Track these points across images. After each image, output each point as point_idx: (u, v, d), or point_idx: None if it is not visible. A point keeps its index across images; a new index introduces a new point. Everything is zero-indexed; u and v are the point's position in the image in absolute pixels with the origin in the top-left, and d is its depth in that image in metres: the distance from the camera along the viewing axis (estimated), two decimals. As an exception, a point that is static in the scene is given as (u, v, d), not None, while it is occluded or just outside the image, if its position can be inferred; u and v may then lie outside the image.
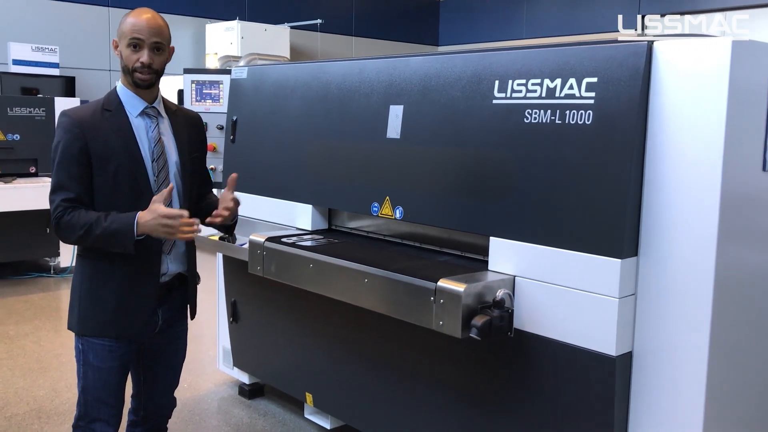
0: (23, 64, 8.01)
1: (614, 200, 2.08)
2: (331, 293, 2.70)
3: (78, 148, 2.19)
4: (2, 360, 4.42)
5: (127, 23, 2.26)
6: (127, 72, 2.27)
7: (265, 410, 3.75)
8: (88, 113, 2.25)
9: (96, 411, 2.34)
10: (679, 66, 2.01)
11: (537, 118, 2.27)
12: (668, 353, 2.09)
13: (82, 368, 2.33)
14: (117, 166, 2.23)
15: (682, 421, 2.08)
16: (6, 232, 6.18)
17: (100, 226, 2.16)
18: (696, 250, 2.00)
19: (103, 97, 2.33)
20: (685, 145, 2.01)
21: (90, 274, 2.30)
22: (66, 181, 2.20)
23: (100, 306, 2.29)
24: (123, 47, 2.26)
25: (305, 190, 3.19)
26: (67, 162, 2.20)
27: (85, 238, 2.18)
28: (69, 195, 2.19)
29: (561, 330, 2.23)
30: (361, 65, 2.95)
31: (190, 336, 2.64)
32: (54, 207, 2.19)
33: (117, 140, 2.24)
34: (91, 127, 2.22)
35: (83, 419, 2.35)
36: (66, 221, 2.18)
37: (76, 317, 2.31)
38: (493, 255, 2.41)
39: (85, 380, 2.32)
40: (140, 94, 2.31)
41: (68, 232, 2.19)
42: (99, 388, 2.32)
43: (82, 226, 2.16)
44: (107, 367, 2.32)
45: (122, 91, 2.31)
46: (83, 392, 2.33)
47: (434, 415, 2.74)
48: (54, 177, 2.21)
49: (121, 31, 2.27)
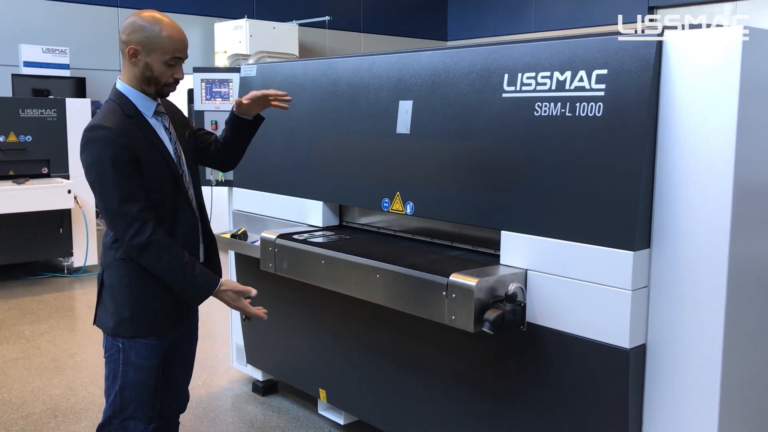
0: (34, 66, 8.07)
1: (626, 192, 2.07)
2: (343, 289, 2.71)
3: (129, 158, 2.15)
4: (18, 360, 4.46)
5: (166, 38, 2.19)
6: (155, 84, 2.24)
7: (279, 407, 3.76)
8: (120, 122, 2.19)
9: (133, 409, 2.34)
10: (689, 57, 2.00)
11: (547, 111, 2.26)
12: (682, 345, 2.08)
13: (121, 367, 2.30)
14: (157, 170, 2.23)
15: (697, 413, 2.07)
16: (19, 233, 6.23)
17: (190, 271, 2.21)
18: (709, 241, 1.99)
19: (111, 101, 2.26)
20: (697, 136, 1.99)
21: (140, 277, 2.26)
22: (137, 192, 2.15)
23: (155, 306, 2.29)
24: (157, 61, 2.20)
25: (316, 186, 3.19)
26: (129, 172, 2.15)
27: (166, 270, 2.19)
28: (144, 205, 2.16)
29: (574, 323, 2.22)
30: (370, 61, 2.95)
31: (204, 333, 2.66)
32: (132, 218, 2.13)
33: (150, 144, 2.23)
34: (130, 135, 2.18)
35: (117, 417, 2.34)
36: (158, 244, 2.16)
37: (128, 321, 2.27)
38: (504, 249, 2.40)
39: (124, 379, 2.31)
40: (149, 95, 2.28)
41: (157, 255, 2.17)
42: (139, 386, 2.32)
43: (173, 259, 2.18)
44: (148, 366, 2.32)
45: (132, 94, 2.26)
46: (121, 391, 2.31)
47: (447, 409, 2.74)
48: (118, 189, 2.12)
49: (154, 44, 2.19)
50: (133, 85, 2.25)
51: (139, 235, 2.13)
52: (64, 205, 6.21)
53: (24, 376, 4.19)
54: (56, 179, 6.39)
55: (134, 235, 2.13)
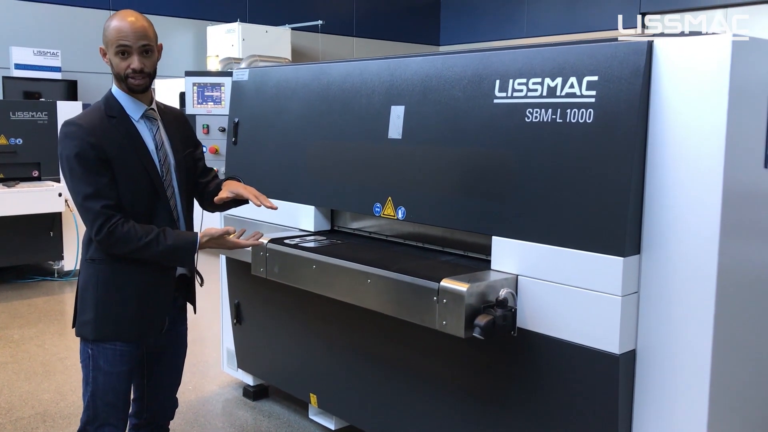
0: (25, 69, 8.03)
1: (616, 198, 2.08)
2: (334, 294, 2.70)
3: (96, 156, 2.17)
4: (7, 364, 4.43)
5: (112, 30, 2.22)
6: (121, 79, 2.27)
7: (270, 411, 3.75)
8: (96, 121, 2.22)
9: (106, 415, 2.34)
10: (679, 64, 2.01)
11: (538, 117, 2.27)
12: (671, 351, 2.09)
13: (91, 373, 2.32)
14: (133, 172, 2.25)
15: (686, 419, 2.08)
16: (9, 236, 6.19)
17: (161, 243, 2.22)
18: (698, 247, 2.00)
19: (99, 102, 2.31)
20: (687, 143, 2.01)
21: (106, 279, 2.28)
22: (102, 189, 2.17)
23: (119, 311, 2.29)
24: (111, 55, 2.25)
25: (307, 191, 3.19)
26: (95, 170, 2.17)
27: (142, 250, 2.21)
28: (108, 202, 2.18)
29: (564, 328, 2.23)
30: (362, 66, 2.96)
31: (194, 338, 2.65)
32: (95, 214, 2.16)
33: (128, 146, 2.26)
34: (102, 135, 2.20)
35: (92, 424, 2.35)
36: (123, 232, 2.17)
37: (92, 323, 2.29)
38: (495, 254, 2.41)
39: (95, 385, 2.32)
40: (138, 98, 2.32)
41: (123, 244, 2.19)
42: (109, 392, 2.33)
43: (140, 239, 2.19)
44: (117, 372, 2.33)
45: (121, 96, 2.30)
46: (93, 397, 2.33)
47: (438, 414, 2.74)
48: (84, 185, 2.16)
49: (106, 38, 2.24)
50: (119, 88, 2.30)
51: (102, 229, 2.16)
52: (54, 209, 6.18)
53: (13, 380, 4.16)
54: (47, 182, 6.36)
55: (98, 230, 2.17)
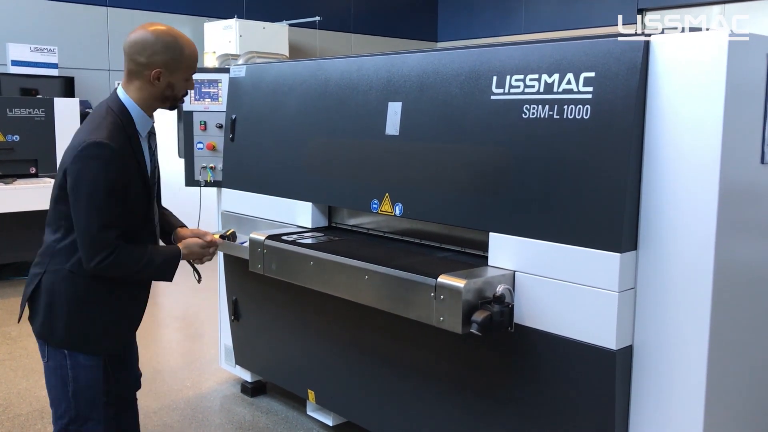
0: (22, 65, 8.01)
1: (613, 194, 2.08)
2: (332, 290, 2.71)
3: (122, 184, 2.17)
4: (5, 361, 4.43)
5: (188, 56, 2.24)
6: (170, 101, 2.28)
7: (268, 408, 3.76)
8: (122, 141, 2.17)
9: (88, 410, 2.32)
10: (676, 60, 2.01)
11: (535, 113, 2.27)
12: (668, 346, 2.09)
13: (71, 372, 2.28)
14: (136, 194, 2.26)
15: (683, 414, 2.08)
16: (7, 233, 6.18)
17: (155, 260, 2.26)
18: (695, 243, 2.01)
19: (113, 112, 2.21)
20: (684, 139, 2.01)
21: (86, 292, 2.26)
22: (116, 218, 2.17)
23: (98, 325, 2.30)
24: (181, 78, 2.25)
25: (305, 187, 3.19)
26: (115, 199, 2.15)
27: (141, 272, 2.25)
28: (119, 231, 2.18)
29: (561, 324, 2.23)
30: (359, 62, 2.95)
31: (192, 334, 2.65)
32: (106, 244, 2.15)
33: (136, 167, 2.24)
34: (125, 157, 2.18)
35: (75, 423, 2.31)
36: (124, 259, 2.18)
37: (66, 334, 2.26)
38: (492, 250, 2.41)
39: (75, 383, 2.29)
40: (149, 114, 2.29)
41: (123, 269, 2.21)
42: (92, 386, 2.32)
43: (137, 262, 2.22)
44: (96, 364, 2.32)
45: (134, 110, 2.24)
46: (74, 396, 2.29)
47: (435, 410, 2.75)
48: (101, 214, 2.13)
49: (179, 62, 2.22)
50: (142, 104, 2.24)
51: (107, 258, 2.15)
52: (51, 206, 6.16)
53: (11, 377, 4.16)
54: (44, 179, 6.35)
55: (104, 259, 2.15)
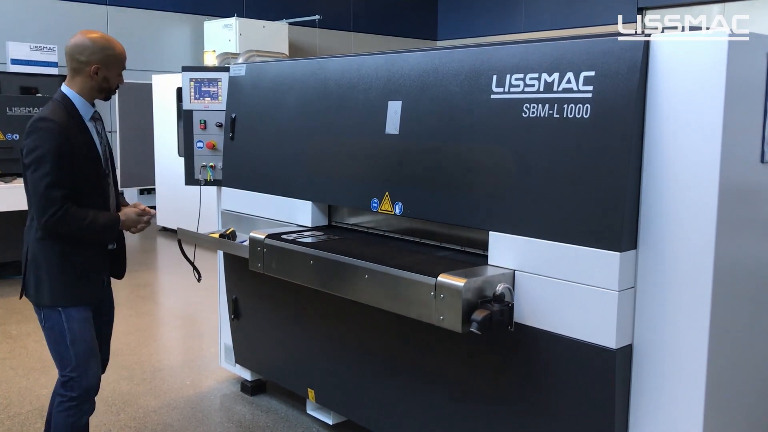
0: (22, 64, 8.01)
1: (613, 193, 2.08)
2: (332, 289, 2.71)
3: (67, 151, 2.50)
4: (5, 359, 4.43)
5: (119, 52, 2.66)
6: (106, 92, 2.67)
7: (268, 406, 3.76)
8: (66, 119, 2.54)
9: (86, 357, 2.63)
10: (676, 59, 2.01)
11: (535, 112, 2.27)
12: (668, 345, 2.10)
13: (66, 325, 2.60)
14: (87, 166, 2.59)
15: (683, 413, 2.08)
16: (6, 232, 6.18)
17: (98, 222, 2.57)
18: (695, 241, 2.01)
19: (57, 101, 2.58)
20: (683, 138, 2.01)
21: (59, 253, 2.59)
22: (64, 180, 2.50)
23: (74, 277, 2.62)
24: (114, 73, 2.66)
25: (305, 186, 3.19)
26: (62, 164, 2.49)
27: (85, 230, 2.55)
28: (67, 192, 2.51)
29: (561, 323, 2.23)
30: (359, 61, 2.95)
31: (192, 333, 2.66)
32: (54, 200, 2.48)
33: (85, 144, 2.59)
34: (70, 131, 2.53)
35: (77, 369, 2.61)
36: (72, 214, 2.51)
37: (53, 292, 2.59)
38: (492, 249, 2.41)
39: (72, 335, 2.60)
40: (89, 102, 2.65)
41: (71, 224, 2.51)
42: (87, 338, 2.64)
43: (83, 221, 2.53)
44: (87, 318, 2.65)
45: (76, 98, 2.62)
46: (73, 345, 2.60)
47: (435, 409, 2.75)
48: (50, 176, 2.47)
49: (112, 60, 2.63)
50: (82, 93, 2.63)
51: (56, 213, 2.48)
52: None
53: (10, 376, 4.16)
54: (44, 178, 6.34)
55: (53, 215, 2.48)
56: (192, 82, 3.66)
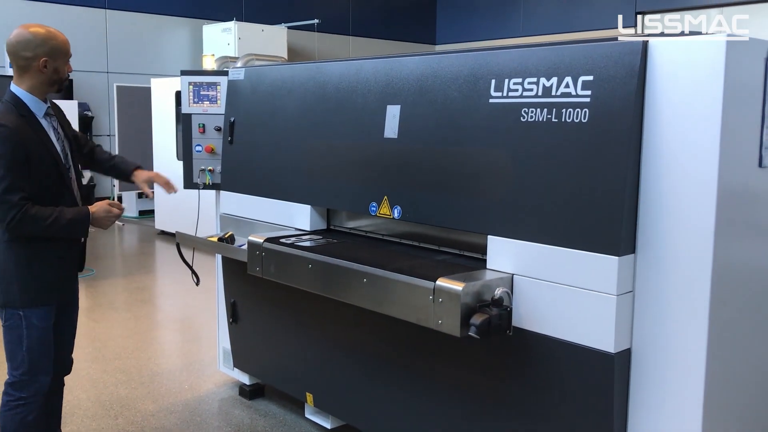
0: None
1: (611, 198, 2.08)
2: (331, 293, 2.71)
3: (22, 154, 2.50)
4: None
5: (63, 43, 2.64)
6: (57, 83, 2.65)
7: (266, 410, 3.76)
8: (17, 121, 2.54)
9: (40, 364, 2.68)
10: (675, 63, 2.02)
11: (533, 116, 2.27)
12: (667, 349, 2.10)
13: (26, 332, 2.64)
14: (45, 165, 2.58)
15: (681, 417, 2.08)
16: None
17: (63, 218, 2.57)
18: (693, 246, 2.01)
19: (6, 103, 2.58)
20: (682, 143, 2.01)
21: (27, 255, 2.61)
22: (21, 182, 2.51)
23: (42, 280, 2.64)
24: (62, 64, 2.64)
25: (303, 190, 3.19)
26: (17, 166, 2.50)
27: (50, 227, 2.55)
28: (24, 194, 2.52)
29: (560, 327, 2.23)
30: (358, 65, 2.96)
31: (190, 337, 2.66)
32: (12, 205, 2.49)
33: (40, 143, 2.59)
34: (23, 133, 2.53)
35: (28, 374, 2.67)
36: (32, 215, 2.52)
37: (20, 293, 2.61)
38: (491, 253, 2.42)
39: (29, 340, 2.65)
40: (40, 98, 2.64)
41: (33, 225, 2.53)
42: (43, 344, 2.67)
43: (45, 220, 2.54)
44: (47, 326, 2.68)
45: (26, 96, 2.61)
46: (29, 351, 2.65)
47: (434, 413, 2.75)
48: (6, 180, 2.49)
49: (58, 50, 2.61)
50: (32, 91, 2.62)
51: (16, 216, 2.50)
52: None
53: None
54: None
55: (12, 218, 2.50)
56: (191, 85, 3.66)
